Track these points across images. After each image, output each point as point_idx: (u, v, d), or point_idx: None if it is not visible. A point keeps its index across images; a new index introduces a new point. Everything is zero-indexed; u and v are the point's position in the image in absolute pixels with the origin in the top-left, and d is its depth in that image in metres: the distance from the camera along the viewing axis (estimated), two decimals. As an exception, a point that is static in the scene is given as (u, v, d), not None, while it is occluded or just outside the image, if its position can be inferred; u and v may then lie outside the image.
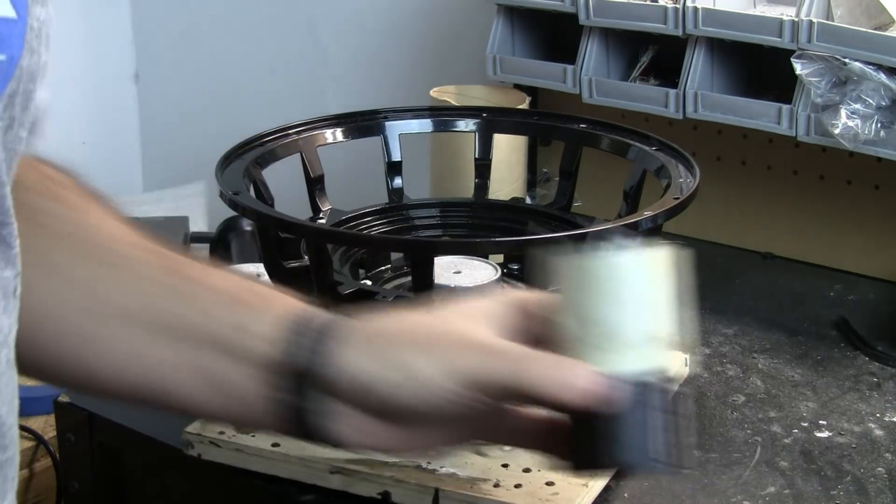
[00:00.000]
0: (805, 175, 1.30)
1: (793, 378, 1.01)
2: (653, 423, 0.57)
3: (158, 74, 2.06)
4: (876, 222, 1.25)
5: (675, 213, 0.82)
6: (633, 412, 0.57)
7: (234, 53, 1.95)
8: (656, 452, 0.58)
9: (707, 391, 0.98)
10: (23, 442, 1.31)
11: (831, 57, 1.10)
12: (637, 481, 0.83)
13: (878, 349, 1.06)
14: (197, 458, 0.86)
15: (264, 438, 0.85)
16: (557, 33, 1.40)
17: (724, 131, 1.33)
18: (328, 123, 1.01)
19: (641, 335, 0.58)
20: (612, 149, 0.98)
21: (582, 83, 1.31)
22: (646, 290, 0.59)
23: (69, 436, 0.98)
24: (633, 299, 0.58)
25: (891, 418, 0.94)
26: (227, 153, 0.92)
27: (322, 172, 0.99)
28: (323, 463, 0.82)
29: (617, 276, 0.58)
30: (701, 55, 1.23)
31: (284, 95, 1.90)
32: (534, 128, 1.08)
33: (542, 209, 1.03)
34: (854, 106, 1.09)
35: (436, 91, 1.36)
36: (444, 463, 0.81)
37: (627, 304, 0.58)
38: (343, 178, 1.03)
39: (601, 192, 1.12)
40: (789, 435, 0.91)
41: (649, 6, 1.23)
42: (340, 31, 1.81)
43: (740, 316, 1.15)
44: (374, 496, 0.80)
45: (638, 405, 0.57)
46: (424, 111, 1.08)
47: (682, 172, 0.89)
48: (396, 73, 1.74)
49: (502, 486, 0.79)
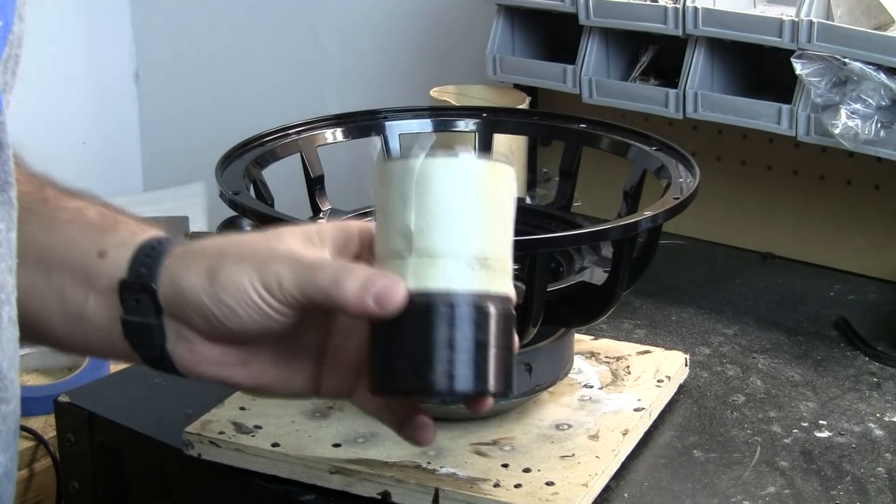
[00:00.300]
0: (805, 175, 1.30)
1: (793, 378, 1.01)
2: (456, 343, 0.54)
3: (158, 74, 2.07)
4: (876, 222, 1.26)
5: (675, 213, 0.82)
6: (428, 328, 0.54)
7: (234, 53, 1.95)
8: (457, 375, 0.54)
9: (707, 391, 0.98)
10: (23, 442, 1.32)
11: (831, 57, 1.10)
12: (637, 481, 0.84)
13: (878, 349, 1.06)
14: (197, 458, 0.86)
15: (264, 438, 0.85)
16: (557, 33, 1.40)
17: (724, 131, 1.33)
18: (328, 123, 1.01)
19: (450, 248, 0.55)
20: (612, 149, 0.98)
21: (582, 83, 1.31)
22: (455, 200, 0.55)
23: (69, 436, 0.98)
24: (438, 208, 0.55)
25: (891, 418, 0.94)
26: (227, 153, 0.92)
27: (322, 172, 0.99)
28: (323, 463, 0.82)
29: (419, 180, 0.55)
30: (701, 55, 1.23)
31: (284, 95, 1.90)
32: (534, 128, 1.08)
33: (542, 209, 1.03)
34: (854, 106, 1.09)
35: (436, 91, 1.36)
36: (444, 463, 0.81)
37: (430, 212, 0.55)
38: (343, 178, 1.03)
39: (601, 192, 1.12)
40: (789, 435, 0.91)
41: (649, 6, 1.23)
42: (340, 31, 1.81)
43: (740, 316, 1.15)
44: (374, 496, 0.80)
45: (432, 320, 0.54)
46: (424, 111, 1.08)
47: (682, 172, 0.89)
48: (396, 73, 1.74)
49: (502, 486, 0.79)
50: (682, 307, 1.16)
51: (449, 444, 0.84)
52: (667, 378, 0.95)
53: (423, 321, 0.55)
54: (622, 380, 0.94)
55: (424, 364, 0.55)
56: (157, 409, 0.95)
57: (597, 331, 1.05)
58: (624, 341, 1.03)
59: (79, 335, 0.64)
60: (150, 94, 2.08)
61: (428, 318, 0.55)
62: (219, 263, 0.60)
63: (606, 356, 0.99)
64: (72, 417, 0.97)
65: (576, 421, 0.88)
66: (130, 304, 0.61)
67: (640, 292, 1.17)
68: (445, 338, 0.55)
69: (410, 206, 0.55)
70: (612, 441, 0.85)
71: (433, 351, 0.55)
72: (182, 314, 0.61)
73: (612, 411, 0.89)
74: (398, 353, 0.56)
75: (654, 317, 1.14)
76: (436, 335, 0.55)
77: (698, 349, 1.06)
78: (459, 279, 0.55)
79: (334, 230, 0.62)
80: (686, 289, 1.22)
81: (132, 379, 1.02)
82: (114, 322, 0.62)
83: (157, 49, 2.05)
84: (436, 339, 0.55)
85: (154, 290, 0.60)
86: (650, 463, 0.87)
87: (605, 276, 0.85)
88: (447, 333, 0.55)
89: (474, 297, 0.55)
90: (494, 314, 0.56)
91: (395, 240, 0.56)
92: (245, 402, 0.90)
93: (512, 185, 0.58)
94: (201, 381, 0.63)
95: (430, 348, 0.55)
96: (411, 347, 0.55)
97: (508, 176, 0.58)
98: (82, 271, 0.63)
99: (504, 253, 0.58)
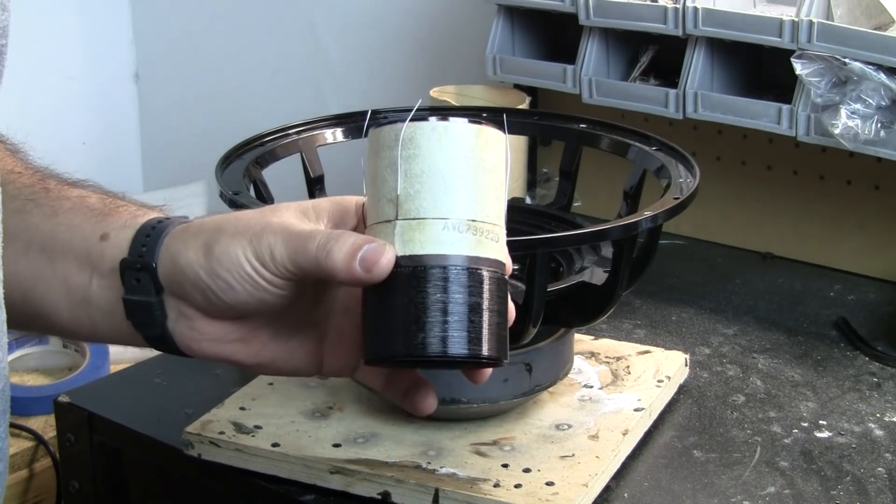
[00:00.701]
0: (805, 175, 1.30)
1: (793, 378, 1.01)
2: (448, 307, 0.53)
3: (158, 74, 2.07)
4: (876, 222, 1.26)
5: (675, 213, 0.82)
6: (417, 292, 0.53)
7: (234, 53, 1.95)
8: (450, 339, 0.53)
9: (707, 391, 0.98)
10: (23, 442, 1.32)
11: (831, 57, 1.10)
12: (637, 481, 0.84)
13: (878, 349, 1.06)
14: (197, 458, 0.86)
15: (264, 438, 0.85)
16: (557, 33, 1.40)
17: (724, 131, 1.33)
18: (328, 123, 1.01)
19: (437, 212, 0.54)
20: (612, 149, 0.98)
21: (582, 83, 1.31)
22: (441, 164, 0.55)
23: (69, 436, 0.98)
24: (424, 171, 0.54)
25: (891, 418, 0.94)
26: (227, 153, 0.92)
27: (322, 172, 0.99)
28: (323, 463, 0.82)
29: (404, 144, 0.55)
30: (701, 55, 1.23)
31: (284, 95, 1.90)
32: (534, 128, 1.08)
33: (542, 209, 1.03)
34: (854, 106, 1.09)
35: (436, 91, 1.36)
36: (444, 463, 0.81)
37: (417, 176, 0.54)
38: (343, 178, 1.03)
39: (601, 192, 1.12)
40: (789, 435, 0.91)
41: (649, 6, 1.23)
42: (340, 31, 1.81)
43: (740, 316, 1.15)
44: (374, 496, 0.80)
45: (420, 284, 0.53)
46: (424, 111, 1.08)
47: (682, 172, 0.89)
48: (396, 73, 1.74)
49: (502, 486, 0.79)
50: (682, 307, 1.16)
51: (449, 444, 0.84)
52: (667, 378, 0.95)
53: (411, 285, 0.54)
54: (622, 380, 0.94)
55: (415, 329, 0.54)
56: (157, 409, 0.95)
57: (597, 331, 1.05)
58: (624, 341, 1.03)
59: (84, 319, 0.64)
60: (150, 94, 2.08)
61: (416, 281, 0.54)
62: (215, 238, 0.60)
63: (606, 356, 0.99)
64: (72, 417, 0.97)
65: (576, 421, 0.88)
66: (131, 283, 0.62)
67: (640, 292, 1.17)
68: (437, 301, 0.54)
69: (397, 171, 0.55)
70: (612, 441, 0.85)
71: (424, 315, 0.54)
72: (181, 291, 0.61)
73: (612, 411, 0.89)
74: (389, 319, 0.55)
75: (654, 317, 1.14)
76: (427, 299, 0.54)
77: (698, 349, 1.06)
78: (448, 243, 0.54)
79: (331, 204, 0.62)
80: (686, 289, 1.22)
81: (132, 379, 1.02)
82: (117, 303, 0.63)
83: (157, 49, 2.05)
84: (427, 302, 0.54)
85: (154, 269, 0.61)
86: (650, 463, 0.87)
87: (605, 276, 0.85)
88: (438, 297, 0.54)
89: (464, 259, 0.54)
90: (486, 277, 0.55)
91: (384, 205, 0.56)
92: (245, 402, 0.90)
93: (501, 150, 0.57)
94: (203, 360, 0.64)
95: (421, 312, 0.54)
96: (402, 312, 0.54)
97: (498, 140, 0.57)
98: (85, 255, 0.63)
99: (494, 217, 0.56)
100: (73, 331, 0.67)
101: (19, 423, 1.30)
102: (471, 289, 0.54)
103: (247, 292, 0.59)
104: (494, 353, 0.56)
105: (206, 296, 0.60)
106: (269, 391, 0.91)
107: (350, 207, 0.62)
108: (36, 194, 0.66)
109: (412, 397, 0.63)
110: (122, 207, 0.66)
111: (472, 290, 0.54)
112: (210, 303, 0.61)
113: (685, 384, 0.99)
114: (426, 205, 0.55)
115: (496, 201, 0.57)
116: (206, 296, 0.60)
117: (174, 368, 1.01)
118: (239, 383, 0.93)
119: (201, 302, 0.61)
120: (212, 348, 0.63)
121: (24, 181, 0.67)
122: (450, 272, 0.54)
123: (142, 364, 1.03)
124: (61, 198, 0.66)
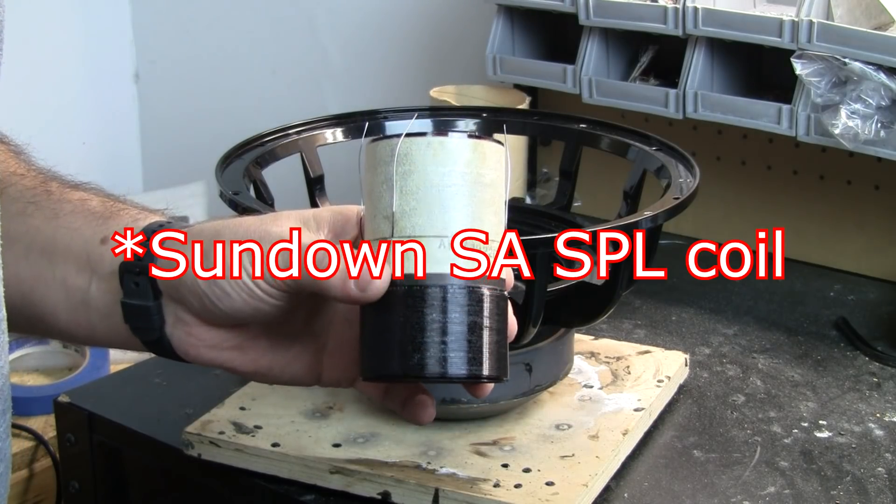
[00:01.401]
0: (805, 175, 1.30)
1: (793, 378, 1.01)
2: (447, 326, 0.53)
3: (158, 74, 2.06)
4: (876, 222, 1.25)
5: (675, 213, 0.82)
6: (412, 312, 0.53)
7: (234, 53, 1.95)
8: (449, 359, 0.53)
9: (707, 391, 0.98)
10: (23, 442, 1.32)
11: (831, 57, 1.10)
12: (637, 481, 0.84)
13: (878, 349, 1.06)
14: (197, 458, 0.86)
15: (264, 438, 0.85)
16: (557, 33, 1.40)
17: (724, 131, 1.33)
18: (328, 123, 1.01)
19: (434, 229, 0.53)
20: (612, 149, 0.98)
21: (582, 83, 1.31)
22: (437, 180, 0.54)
23: (69, 436, 0.98)
24: (420, 188, 0.54)
25: (891, 418, 0.94)
26: (226, 153, 0.92)
27: (322, 172, 0.99)
28: (323, 463, 0.82)
29: (399, 160, 0.54)
30: (701, 55, 1.23)
31: (284, 95, 1.90)
32: (534, 128, 1.08)
33: (542, 209, 1.03)
34: (854, 106, 1.09)
35: (436, 91, 1.36)
36: (444, 463, 0.81)
37: (412, 192, 0.54)
38: (343, 178, 1.03)
39: (601, 192, 1.12)
40: (789, 435, 0.91)
41: (649, 6, 1.23)
42: (340, 31, 1.81)
43: (740, 316, 1.15)
44: (374, 496, 0.80)
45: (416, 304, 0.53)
46: (425, 111, 1.08)
47: (682, 172, 0.89)
48: (396, 72, 1.74)
49: (502, 486, 0.79)
50: (682, 307, 1.16)
51: (449, 444, 0.84)
52: (667, 378, 0.95)
53: (408, 305, 0.54)
54: (622, 380, 0.94)
55: (412, 349, 0.54)
56: (157, 409, 0.95)
57: (597, 331, 1.05)
58: (624, 341, 1.03)
59: (83, 322, 0.65)
60: (150, 94, 2.08)
61: (412, 301, 0.54)
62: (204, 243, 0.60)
63: (606, 356, 0.99)
64: (72, 417, 0.97)
65: (576, 421, 0.88)
66: (130, 286, 0.62)
67: (640, 292, 1.17)
68: (434, 321, 0.53)
69: (393, 187, 0.54)
70: (612, 441, 0.85)
71: (421, 335, 0.53)
72: (178, 296, 0.61)
73: (612, 411, 0.89)
74: (386, 338, 0.55)
75: (654, 317, 1.14)
76: (423, 319, 0.53)
77: (698, 349, 1.06)
78: (445, 261, 0.54)
79: (332, 214, 0.62)
80: (686, 289, 1.21)
81: (132, 379, 1.02)
82: (115, 306, 0.63)
83: (157, 49, 2.05)
84: (424, 323, 0.53)
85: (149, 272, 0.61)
86: (650, 463, 0.87)
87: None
88: (435, 317, 0.53)
89: (462, 278, 0.54)
90: (486, 296, 0.54)
91: (380, 222, 0.55)
92: (245, 402, 0.90)
93: (500, 164, 0.56)
94: (200, 365, 0.64)
95: (417, 333, 0.53)
96: (399, 332, 0.54)
97: (496, 154, 0.56)
98: (85, 258, 0.64)
99: (493, 234, 0.56)
100: (71, 333, 0.67)
101: (19, 423, 1.30)
102: (469, 308, 0.54)
103: (243, 300, 0.59)
104: (494, 373, 0.55)
105: (203, 302, 0.60)
106: (270, 391, 0.91)
107: (351, 217, 0.62)
108: (38, 197, 0.66)
109: (411, 408, 0.63)
110: (123, 211, 0.66)
111: (470, 309, 0.54)
112: (206, 309, 0.61)
113: (685, 384, 0.99)
114: (422, 222, 0.54)
115: (494, 216, 0.56)
116: (203, 302, 0.60)
117: (174, 368, 1.00)
118: (239, 383, 0.93)
119: (198, 308, 0.61)
120: (209, 354, 0.63)
121: (27, 183, 0.67)
122: (447, 292, 0.53)
123: (142, 364, 1.03)
124: (63, 200, 0.66)
